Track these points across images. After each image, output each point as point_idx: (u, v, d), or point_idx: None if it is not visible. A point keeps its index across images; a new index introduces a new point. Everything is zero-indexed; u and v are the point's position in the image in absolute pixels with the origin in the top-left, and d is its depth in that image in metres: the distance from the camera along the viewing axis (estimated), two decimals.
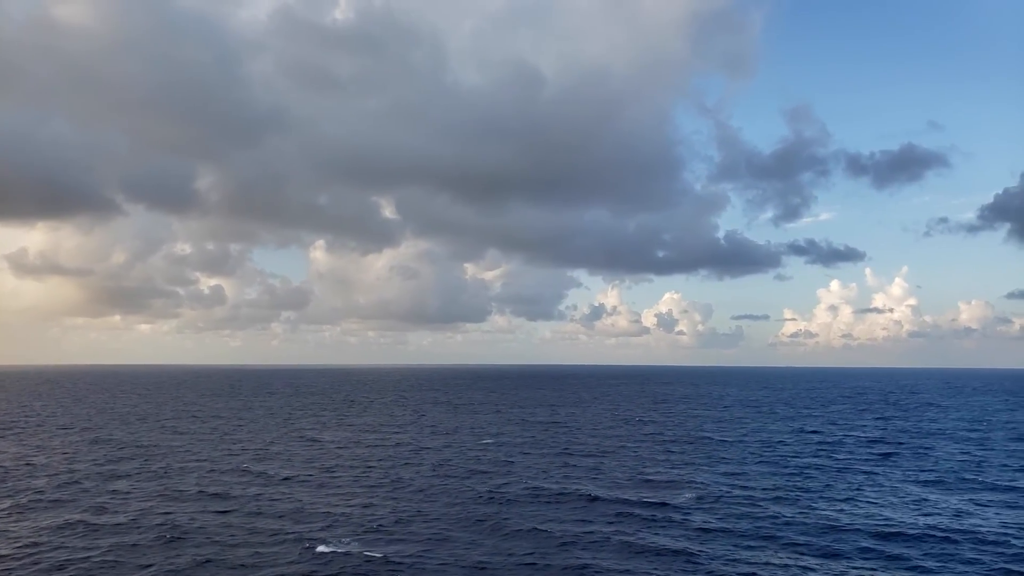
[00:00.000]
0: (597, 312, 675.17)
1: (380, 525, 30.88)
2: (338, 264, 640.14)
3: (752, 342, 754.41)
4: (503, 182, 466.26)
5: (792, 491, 38.47)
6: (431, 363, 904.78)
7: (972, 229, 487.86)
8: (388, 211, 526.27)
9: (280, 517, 32.23)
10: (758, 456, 51.05)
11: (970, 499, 37.04)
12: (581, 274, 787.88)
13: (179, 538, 28.48)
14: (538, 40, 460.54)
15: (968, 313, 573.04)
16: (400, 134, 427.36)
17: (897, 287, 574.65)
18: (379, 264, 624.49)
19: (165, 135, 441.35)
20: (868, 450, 55.14)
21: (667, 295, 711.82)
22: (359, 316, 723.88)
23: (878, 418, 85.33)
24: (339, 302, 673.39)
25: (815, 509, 34.30)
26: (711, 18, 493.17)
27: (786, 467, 46.42)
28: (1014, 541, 29.00)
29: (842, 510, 34.21)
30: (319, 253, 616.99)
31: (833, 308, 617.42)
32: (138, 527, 30.24)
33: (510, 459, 49.08)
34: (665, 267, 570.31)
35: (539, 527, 30.59)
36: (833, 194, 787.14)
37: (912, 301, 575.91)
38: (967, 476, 43.47)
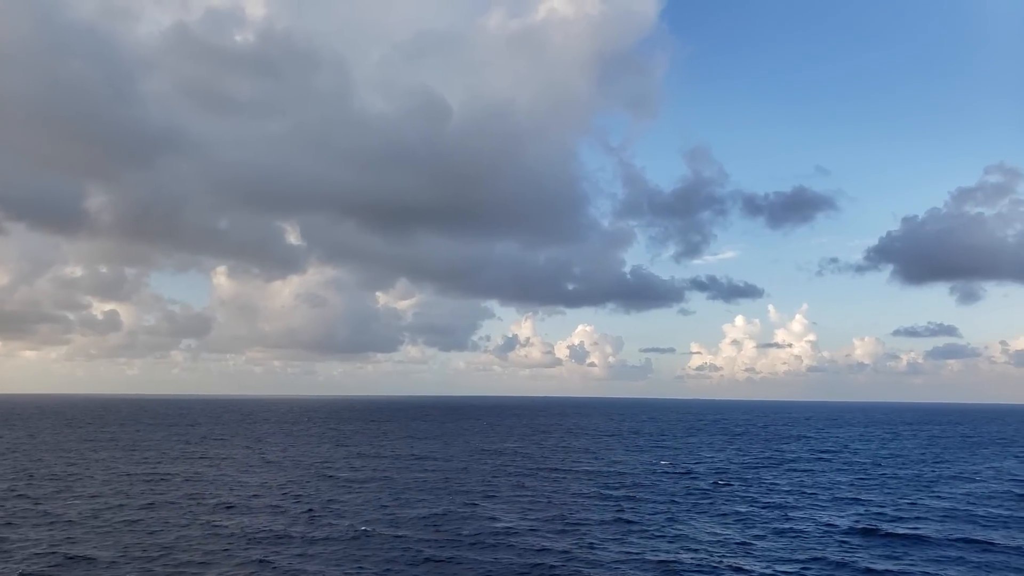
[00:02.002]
0: (511, 343, 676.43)
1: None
2: (241, 290, 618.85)
3: (660, 374, 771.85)
4: (410, 211, 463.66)
5: (574, 524, 38.34)
6: (342, 394, 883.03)
7: (860, 269, 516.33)
8: (293, 237, 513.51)
9: None
10: (564, 488, 51.03)
11: (753, 536, 37.73)
12: (493, 305, 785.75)
13: None
14: (445, 72, 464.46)
15: (861, 349, 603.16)
16: (303, 159, 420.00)
17: (797, 323, 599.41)
18: (285, 291, 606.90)
19: (51, 152, 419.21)
20: (690, 483, 55.99)
21: (580, 327, 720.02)
22: (264, 345, 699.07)
23: (735, 450, 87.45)
24: (243, 330, 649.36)
25: (592, 543, 34.13)
26: (615, 59, 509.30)
27: (606, 498, 46.41)
28: None
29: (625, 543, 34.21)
30: (222, 279, 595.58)
31: (737, 343, 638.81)
32: None
33: (285, 492, 47.32)
34: (575, 300, 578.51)
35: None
36: (731, 232, 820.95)
37: (811, 337, 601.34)
38: (773, 517, 44.48)
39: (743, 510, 42.91)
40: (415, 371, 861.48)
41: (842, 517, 40.88)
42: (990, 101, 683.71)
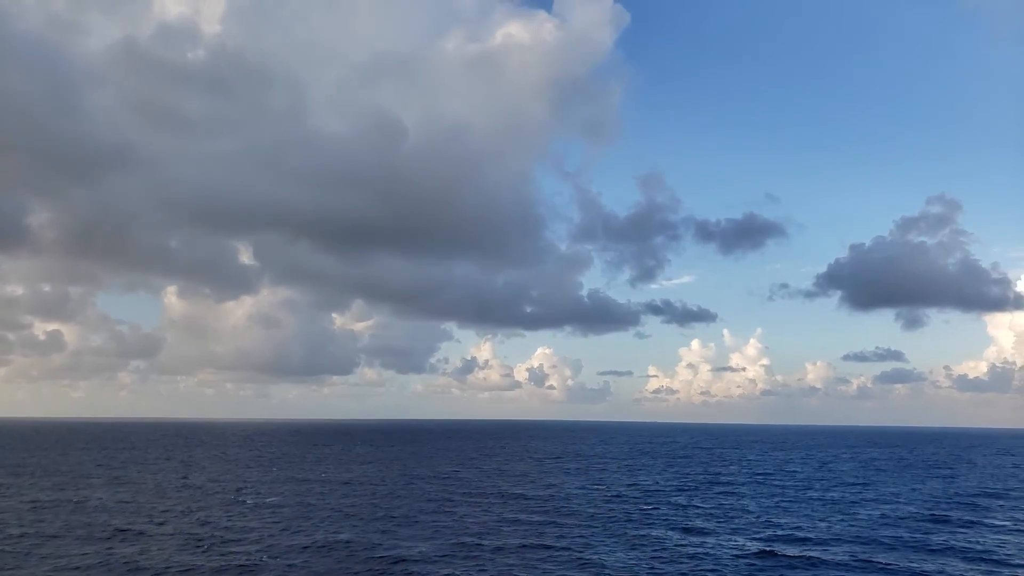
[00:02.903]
0: (469, 366, 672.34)
1: None
2: (192, 311, 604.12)
3: (618, 397, 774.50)
4: (366, 231, 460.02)
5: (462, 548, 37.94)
6: (297, 417, 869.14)
7: (810, 295, 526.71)
8: (245, 257, 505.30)
9: None
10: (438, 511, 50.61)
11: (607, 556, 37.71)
12: (452, 327, 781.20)
13: None
14: (402, 94, 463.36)
15: (813, 373, 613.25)
16: (256, 178, 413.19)
17: (752, 347, 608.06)
18: (238, 312, 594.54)
19: None
20: (609, 506, 55.95)
21: (540, 350, 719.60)
22: (216, 366, 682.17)
23: (673, 472, 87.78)
24: (194, 351, 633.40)
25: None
26: (571, 85, 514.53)
27: (528, 523, 46.04)
28: None
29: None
30: (172, 298, 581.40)
31: (692, 366, 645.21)
32: None
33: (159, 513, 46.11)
34: (533, 322, 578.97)
35: None
36: (685, 258, 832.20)
37: (765, 361, 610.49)
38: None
39: (659, 533, 42.86)
40: (372, 394, 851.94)
41: (753, 540, 41.08)
42: (931, 133, 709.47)
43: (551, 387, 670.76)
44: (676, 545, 39.56)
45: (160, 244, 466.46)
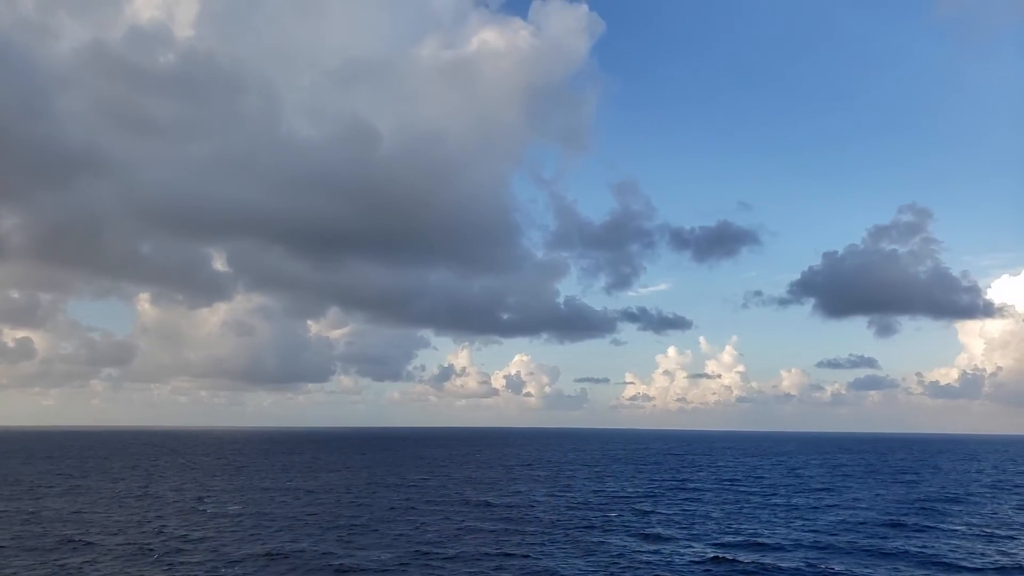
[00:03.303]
0: (446, 373, 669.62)
1: None
2: (166, 318, 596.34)
3: (596, 404, 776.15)
4: (340, 238, 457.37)
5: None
6: (272, 425, 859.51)
7: (783, 303, 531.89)
8: (219, 263, 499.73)
9: None
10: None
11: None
12: (428, 334, 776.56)
13: None
14: (376, 99, 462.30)
15: (788, 380, 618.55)
16: (229, 183, 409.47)
17: (727, 355, 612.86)
18: (212, 319, 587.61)
19: None
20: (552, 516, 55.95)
21: (517, 357, 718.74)
22: (190, 374, 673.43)
23: (643, 479, 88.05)
24: (167, 358, 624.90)
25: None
26: (547, 93, 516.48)
27: (487, 531, 45.87)
28: None
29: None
30: (145, 305, 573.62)
31: (669, 373, 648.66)
32: None
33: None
34: (509, 330, 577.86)
35: None
36: (660, 265, 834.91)
37: (741, 368, 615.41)
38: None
39: (618, 540, 42.85)
40: (348, 402, 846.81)
41: (710, 546, 41.24)
42: (903, 143, 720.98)
43: (528, 394, 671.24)
44: (633, 552, 39.59)
45: (132, 250, 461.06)
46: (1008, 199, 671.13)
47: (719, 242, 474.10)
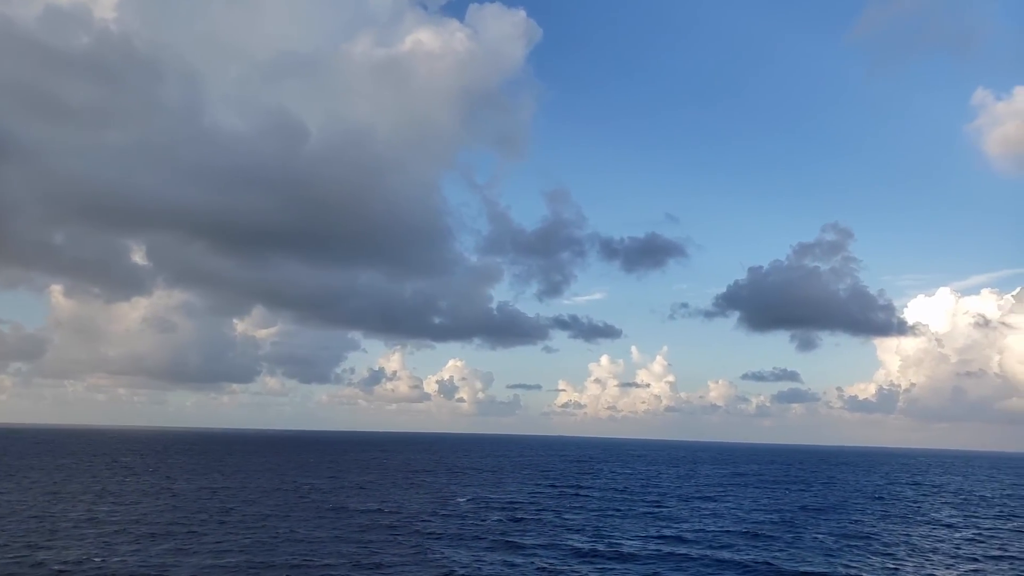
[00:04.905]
0: (376, 376, 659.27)
1: None
2: (81, 311, 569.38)
3: (528, 411, 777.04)
4: (265, 234, 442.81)
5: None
6: (195, 426, 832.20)
7: (709, 315, 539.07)
8: (138, 256, 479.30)
9: None
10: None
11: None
12: (358, 337, 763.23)
13: None
14: (306, 95, 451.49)
15: (715, 391, 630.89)
16: (147, 173, 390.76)
17: (658, 364, 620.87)
18: (131, 314, 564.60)
19: None
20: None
21: (451, 362, 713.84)
22: (107, 371, 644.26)
23: (535, 485, 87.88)
24: (83, 354, 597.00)
25: None
26: (481, 97, 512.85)
27: (363, 542, 44.65)
28: None
29: None
30: (59, 298, 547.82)
31: (600, 381, 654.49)
32: None
33: None
34: (441, 334, 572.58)
35: None
36: (590, 274, 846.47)
37: (670, 378, 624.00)
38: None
39: (472, 548, 42.25)
40: (274, 403, 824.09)
41: (553, 558, 40.96)
42: (827, 163, 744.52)
43: (461, 400, 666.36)
44: (475, 562, 38.95)
45: (43, 239, 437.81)
46: (925, 224, 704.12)
47: (647, 253, 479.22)
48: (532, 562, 38.91)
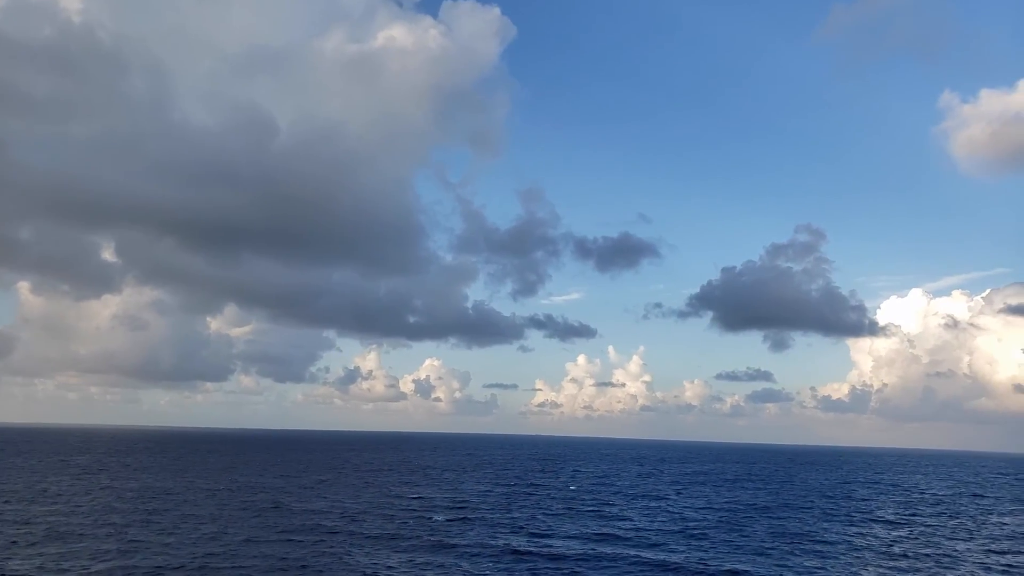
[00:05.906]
0: (352, 375, 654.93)
1: None
2: (50, 309, 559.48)
3: (505, 410, 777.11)
4: (236, 231, 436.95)
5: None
6: (169, 425, 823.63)
7: (682, 315, 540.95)
8: (107, 253, 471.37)
9: None
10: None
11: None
12: (332, 335, 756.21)
13: None
14: (276, 90, 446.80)
15: (691, 391, 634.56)
16: (114, 168, 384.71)
17: (634, 364, 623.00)
18: (102, 312, 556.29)
19: None
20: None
21: (428, 361, 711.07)
22: (78, 369, 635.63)
23: (493, 482, 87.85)
24: (52, 352, 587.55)
25: None
26: (454, 94, 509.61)
27: (307, 543, 44.30)
28: None
29: None
30: (26, 295, 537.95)
31: (576, 381, 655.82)
32: None
33: None
34: (417, 333, 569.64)
35: None
36: (564, 273, 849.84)
37: (647, 378, 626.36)
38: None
39: (411, 547, 42.12)
40: (249, 402, 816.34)
41: (491, 556, 40.94)
42: (800, 165, 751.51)
43: (438, 399, 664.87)
44: (402, 564, 38.81)
45: (9, 235, 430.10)
46: (898, 225, 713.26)
47: (621, 253, 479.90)
48: (458, 564, 38.85)
